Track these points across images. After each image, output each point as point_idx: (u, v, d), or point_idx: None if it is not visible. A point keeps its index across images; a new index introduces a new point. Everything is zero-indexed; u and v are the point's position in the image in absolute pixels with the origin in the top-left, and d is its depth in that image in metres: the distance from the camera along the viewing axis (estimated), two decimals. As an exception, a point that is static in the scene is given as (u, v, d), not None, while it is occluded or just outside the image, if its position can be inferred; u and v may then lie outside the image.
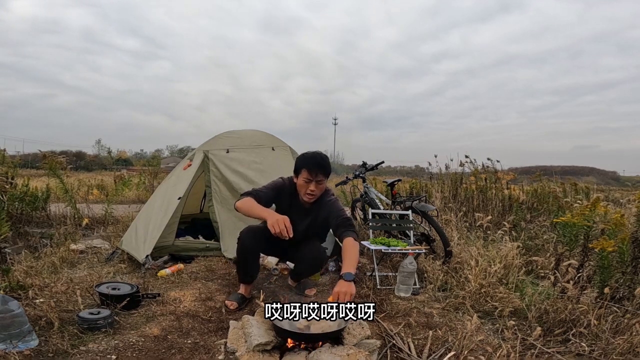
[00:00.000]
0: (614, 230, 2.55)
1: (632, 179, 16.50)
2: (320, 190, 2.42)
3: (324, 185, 2.45)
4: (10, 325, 1.78)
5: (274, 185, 2.52)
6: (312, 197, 2.42)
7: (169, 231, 3.36)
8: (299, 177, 2.43)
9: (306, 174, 2.37)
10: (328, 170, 2.40)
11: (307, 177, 2.37)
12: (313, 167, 2.35)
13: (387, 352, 1.90)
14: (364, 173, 4.36)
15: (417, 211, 3.57)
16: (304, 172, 2.37)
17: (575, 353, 1.92)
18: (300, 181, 2.41)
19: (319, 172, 2.36)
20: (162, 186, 4.05)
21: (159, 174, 8.85)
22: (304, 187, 2.41)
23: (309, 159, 2.38)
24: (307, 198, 2.43)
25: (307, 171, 2.36)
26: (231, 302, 2.44)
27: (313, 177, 2.36)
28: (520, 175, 7.26)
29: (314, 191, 2.39)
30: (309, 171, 2.36)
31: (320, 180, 2.38)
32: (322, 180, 2.39)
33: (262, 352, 1.79)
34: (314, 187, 2.38)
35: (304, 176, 2.38)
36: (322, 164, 2.37)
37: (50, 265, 3.04)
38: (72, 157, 26.30)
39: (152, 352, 1.85)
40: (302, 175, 2.39)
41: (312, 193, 2.40)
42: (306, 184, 2.39)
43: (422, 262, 3.20)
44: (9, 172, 4.51)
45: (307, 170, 2.36)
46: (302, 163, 2.39)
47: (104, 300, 2.25)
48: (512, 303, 2.46)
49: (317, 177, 2.36)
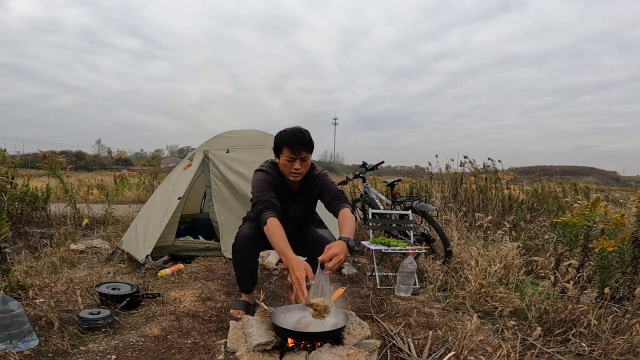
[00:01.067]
0: (614, 230, 2.55)
1: (632, 179, 16.50)
2: (305, 167, 2.26)
3: (309, 161, 2.28)
4: (10, 325, 1.78)
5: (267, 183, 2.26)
6: (297, 175, 2.25)
7: (169, 231, 3.36)
8: (280, 156, 2.24)
9: (288, 153, 2.18)
10: (311, 145, 2.23)
11: (290, 156, 2.19)
12: (295, 145, 2.17)
13: (387, 352, 1.90)
14: (364, 173, 4.36)
15: (417, 211, 3.57)
16: (286, 151, 2.19)
17: (575, 353, 1.92)
18: (282, 161, 2.23)
19: (302, 148, 2.18)
20: (162, 186, 4.05)
21: (159, 174, 8.86)
22: (287, 167, 2.23)
23: (289, 136, 2.19)
24: (292, 177, 2.27)
25: (289, 150, 2.18)
26: (237, 311, 2.31)
27: (296, 155, 2.18)
28: (520, 175, 7.26)
29: (298, 169, 2.22)
30: (291, 150, 2.18)
31: (304, 157, 2.21)
32: (306, 156, 2.22)
33: (262, 352, 1.79)
34: (298, 165, 2.20)
35: (286, 155, 2.19)
36: (304, 140, 2.18)
37: (50, 265, 3.04)
38: (72, 157, 26.29)
39: (152, 352, 1.85)
40: (283, 154, 2.21)
41: (298, 171, 2.23)
42: (290, 163, 2.21)
43: (422, 262, 3.20)
44: (9, 172, 4.52)
45: (289, 149, 2.18)
46: (283, 141, 2.20)
47: (104, 300, 2.25)
48: (512, 303, 2.46)
49: (300, 155, 2.19)
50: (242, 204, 3.55)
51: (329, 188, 2.32)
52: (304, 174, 2.30)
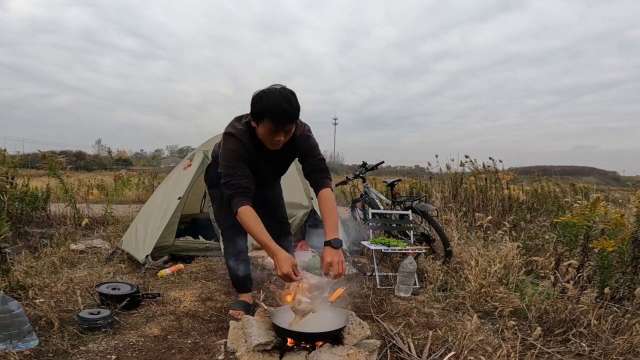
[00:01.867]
0: (614, 230, 2.55)
1: (632, 179, 16.49)
2: (288, 136, 1.97)
3: (293, 129, 1.98)
4: (10, 325, 1.78)
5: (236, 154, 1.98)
6: (278, 145, 1.98)
7: (168, 231, 3.36)
8: (259, 124, 1.91)
9: (270, 125, 1.87)
10: (297, 113, 1.91)
11: (272, 128, 1.87)
12: (279, 117, 1.85)
13: (387, 352, 1.90)
14: (364, 173, 4.36)
15: (417, 211, 3.57)
16: (267, 122, 1.86)
17: (575, 353, 1.92)
18: (262, 131, 1.92)
19: (287, 121, 1.87)
20: (162, 186, 4.05)
21: (159, 174, 8.86)
22: (267, 138, 1.94)
23: (273, 106, 1.83)
24: (271, 147, 2.00)
25: (271, 122, 1.86)
26: (237, 312, 2.25)
27: (280, 128, 1.88)
28: (520, 175, 7.26)
29: (281, 141, 1.95)
30: (274, 122, 1.85)
31: (289, 128, 1.93)
32: (291, 127, 1.94)
33: (262, 352, 1.79)
34: (281, 136, 1.92)
35: (267, 127, 1.88)
36: (289, 110, 1.85)
37: (50, 265, 3.04)
38: (72, 157, 26.28)
39: (152, 352, 1.85)
40: (264, 124, 1.89)
41: (279, 142, 1.96)
42: (271, 135, 1.91)
43: (422, 262, 3.20)
44: (9, 172, 4.51)
45: (272, 122, 1.85)
46: (265, 111, 1.85)
47: (104, 300, 2.25)
48: (512, 303, 2.46)
49: (284, 127, 1.89)
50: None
51: (311, 155, 2.09)
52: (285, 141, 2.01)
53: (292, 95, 1.90)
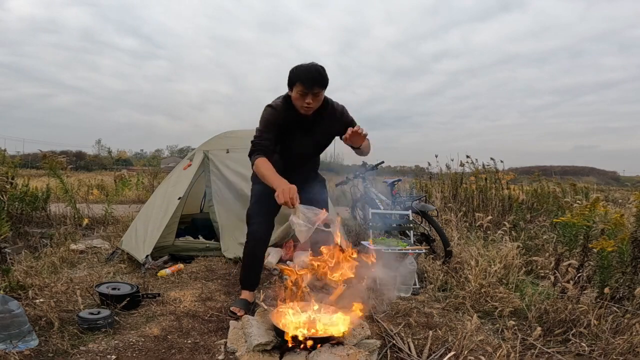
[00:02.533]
0: (614, 230, 2.55)
1: (632, 179, 16.49)
2: (317, 102, 2.27)
3: (322, 96, 2.29)
4: (10, 325, 1.78)
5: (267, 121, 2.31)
6: (309, 109, 2.27)
7: (168, 231, 3.36)
8: (293, 90, 2.25)
9: (301, 88, 2.20)
10: (325, 81, 2.23)
11: (302, 91, 2.20)
12: (308, 81, 2.19)
13: (387, 352, 1.91)
14: (364, 173, 4.36)
15: (417, 211, 3.57)
16: (299, 85, 2.20)
17: (575, 353, 1.92)
18: (295, 95, 2.25)
19: (315, 85, 2.20)
20: (162, 186, 4.05)
21: (159, 174, 8.86)
22: (299, 101, 2.24)
23: (303, 72, 2.21)
24: (303, 111, 2.28)
25: (302, 85, 2.19)
26: (238, 309, 2.33)
27: (309, 91, 2.20)
28: (520, 175, 7.26)
29: (310, 104, 2.24)
30: (304, 85, 2.19)
31: (317, 92, 2.22)
32: (319, 92, 2.23)
33: (262, 352, 1.79)
34: (310, 99, 2.22)
35: (299, 90, 2.21)
36: (318, 76, 2.20)
37: (50, 265, 3.04)
38: (72, 157, 26.25)
39: (152, 352, 1.85)
40: (296, 88, 2.22)
41: (309, 106, 2.25)
42: (302, 98, 2.22)
43: (422, 262, 3.20)
44: (9, 172, 4.51)
45: (302, 84, 2.19)
46: (297, 76, 2.22)
47: (104, 300, 2.25)
48: (512, 303, 2.46)
49: (313, 90, 2.20)
50: (242, 204, 3.55)
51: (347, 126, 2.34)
52: (315, 108, 2.30)
53: (321, 67, 2.25)
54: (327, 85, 2.27)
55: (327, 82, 2.25)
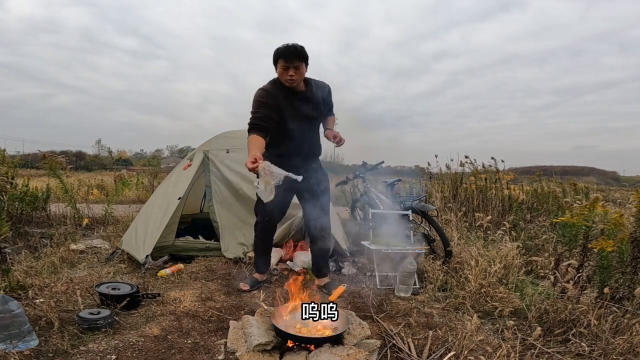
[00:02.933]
0: (614, 230, 2.55)
1: (632, 179, 16.49)
2: (299, 74, 2.52)
3: (303, 70, 2.54)
4: (10, 325, 1.78)
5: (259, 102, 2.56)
6: (292, 81, 2.52)
7: (168, 231, 3.36)
8: (277, 67, 2.54)
9: (282, 62, 2.48)
10: (302, 54, 2.50)
11: (284, 65, 2.48)
12: (287, 55, 2.46)
13: (387, 352, 1.91)
14: (364, 173, 4.36)
15: (417, 211, 3.57)
16: (280, 61, 2.49)
17: (575, 353, 1.92)
18: (279, 70, 2.53)
19: (294, 58, 2.46)
20: (162, 186, 4.05)
21: (159, 174, 8.86)
22: (283, 75, 2.51)
23: (282, 49, 2.48)
24: (288, 84, 2.53)
25: (282, 60, 2.47)
26: (244, 284, 2.73)
27: (289, 64, 2.46)
28: (520, 175, 7.25)
29: (293, 76, 2.49)
30: (284, 59, 2.47)
31: (297, 65, 2.48)
32: (299, 65, 2.49)
33: (262, 352, 1.79)
34: (292, 72, 2.48)
35: (281, 65, 2.49)
36: (295, 50, 2.47)
37: (50, 265, 3.04)
38: (72, 157, 26.26)
39: (152, 352, 1.85)
40: (279, 65, 2.51)
41: (292, 78, 2.50)
42: (284, 71, 2.50)
43: (422, 262, 3.20)
44: (9, 172, 4.51)
45: (283, 59, 2.47)
46: (277, 54, 2.50)
47: (104, 300, 2.25)
48: (512, 303, 2.46)
49: (293, 63, 2.46)
50: (242, 204, 3.55)
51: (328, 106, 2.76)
52: (299, 81, 2.56)
53: (299, 44, 2.51)
54: (307, 59, 2.53)
55: (306, 56, 2.52)
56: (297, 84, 2.55)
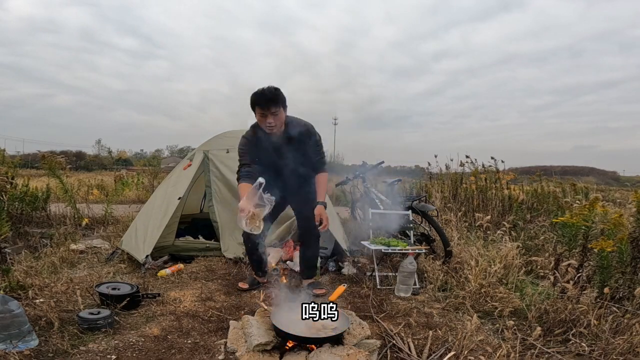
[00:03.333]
0: (614, 231, 2.55)
1: (632, 179, 16.48)
2: (279, 120, 2.50)
3: (281, 115, 2.51)
4: (10, 325, 1.78)
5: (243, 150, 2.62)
6: (272, 127, 2.50)
7: (168, 231, 3.36)
8: (255, 114, 2.53)
9: (259, 110, 2.47)
10: (278, 100, 2.46)
11: (261, 113, 2.46)
12: (262, 103, 2.44)
13: (387, 352, 1.91)
14: (364, 173, 4.36)
15: (417, 211, 3.57)
16: (257, 109, 2.48)
17: (575, 353, 1.92)
18: (257, 117, 2.52)
19: (270, 104, 2.44)
20: (162, 186, 4.05)
21: (159, 174, 8.87)
22: (262, 122, 2.50)
23: (257, 96, 2.46)
24: (268, 130, 2.52)
25: (259, 107, 2.46)
26: (243, 283, 2.75)
27: (266, 111, 2.44)
28: (520, 175, 7.24)
29: (272, 122, 2.48)
30: (260, 107, 2.45)
31: (274, 111, 2.45)
32: (276, 110, 2.46)
33: (262, 352, 1.79)
34: (271, 119, 2.47)
35: (259, 112, 2.48)
36: (270, 97, 2.44)
37: (50, 265, 3.04)
38: (72, 157, 26.25)
39: (152, 352, 1.85)
40: (256, 112, 2.50)
41: (271, 124, 2.48)
42: (263, 118, 2.48)
43: (422, 262, 3.20)
44: (9, 172, 4.51)
45: (259, 107, 2.46)
46: (253, 101, 2.49)
47: (104, 300, 2.25)
48: (512, 303, 2.46)
49: (270, 110, 2.44)
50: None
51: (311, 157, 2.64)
52: (280, 126, 2.54)
53: (274, 87, 2.47)
54: (283, 102, 2.50)
55: (282, 100, 2.49)
56: (277, 130, 2.54)
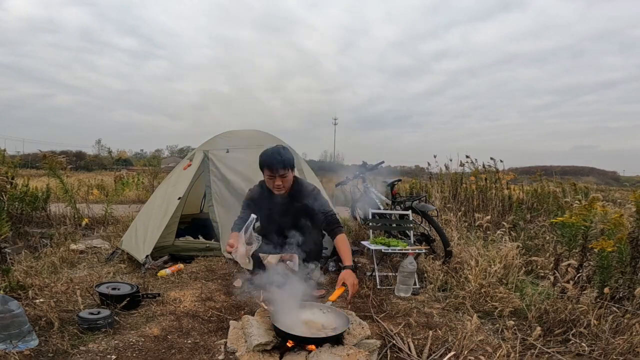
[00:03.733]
0: (614, 231, 2.55)
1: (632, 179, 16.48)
2: (287, 182, 2.56)
3: (289, 176, 2.57)
4: (10, 325, 1.78)
5: (245, 204, 2.70)
6: (280, 189, 2.57)
7: (168, 231, 3.36)
8: (264, 174, 2.58)
9: (268, 172, 2.52)
10: (287, 162, 2.52)
11: (270, 174, 2.52)
12: (271, 165, 2.50)
13: (387, 352, 1.91)
14: (364, 173, 4.36)
15: (417, 211, 3.57)
16: (266, 170, 2.53)
17: (575, 353, 1.92)
18: (266, 178, 2.58)
19: (278, 167, 2.49)
20: (162, 186, 4.05)
21: (159, 174, 8.87)
22: (270, 183, 2.57)
23: (266, 158, 2.53)
24: (276, 191, 2.59)
25: (268, 169, 2.51)
26: (237, 280, 2.76)
27: (275, 173, 2.50)
28: (520, 175, 7.24)
29: (279, 185, 2.54)
30: (269, 169, 2.50)
31: (283, 174, 2.51)
32: (285, 173, 2.52)
33: (262, 352, 1.79)
34: (279, 181, 2.53)
35: (267, 174, 2.54)
36: (280, 159, 2.49)
37: (50, 265, 3.04)
38: (72, 157, 26.22)
39: (152, 352, 1.85)
40: (265, 173, 2.56)
41: (279, 187, 2.55)
42: (271, 180, 2.54)
43: (422, 262, 3.20)
44: (9, 172, 4.51)
45: (268, 168, 2.51)
46: (262, 162, 2.54)
47: (104, 300, 2.25)
48: (512, 303, 2.46)
49: (278, 172, 2.50)
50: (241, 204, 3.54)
51: (324, 210, 2.62)
52: (287, 188, 2.61)
53: (282, 148, 2.56)
54: (292, 165, 2.57)
55: (291, 162, 2.55)
56: (285, 191, 2.60)
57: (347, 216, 5.12)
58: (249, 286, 2.71)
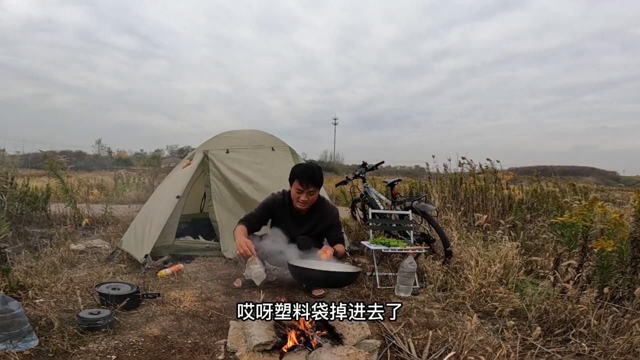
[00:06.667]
0: (614, 231, 2.55)
1: (632, 179, 16.51)
2: (312, 199, 2.60)
3: (316, 195, 2.61)
4: (10, 325, 1.78)
5: (264, 204, 2.72)
6: (304, 205, 2.61)
7: (168, 231, 3.36)
8: (292, 186, 2.61)
9: (298, 185, 2.54)
10: (319, 182, 2.56)
11: (299, 188, 2.54)
12: (304, 179, 2.52)
13: (387, 352, 1.91)
14: (364, 173, 4.36)
15: (417, 211, 3.57)
16: (296, 182, 2.55)
17: (575, 353, 1.92)
18: (293, 190, 2.60)
19: (310, 183, 2.53)
20: (162, 186, 4.05)
21: (159, 174, 8.86)
22: (296, 196, 2.59)
23: (301, 171, 2.56)
24: (299, 206, 2.62)
25: (298, 182, 2.53)
26: (237, 280, 2.76)
27: (304, 189, 2.53)
28: (520, 175, 7.24)
29: (305, 201, 2.58)
30: (300, 182, 2.53)
31: (312, 191, 2.55)
32: (313, 190, 2.55)
33: (262, 352, 1.79)
34: (305, 197, 2.56)
35: (296, 186, 2.55)
36: (313, 176, 2.52)
37: (50, 265, 3.04)
38: (72, 157, 26.19)
39: (152, 352, 1.85)
40: (294, 185, 2.57)
41: (304, 202, 2.58)
42: (298, 194, 2.57)
43: (422, 262, 3.20)
44: (9, 172, 4.51)
45: (299, 182, 2.53)
46: (295, 174, 2.56)
47: (104, 300, 2.25)
48: (512, 303, 2.46)
49: (308, 189, 2.54)
50: (241, 204, 3.55)
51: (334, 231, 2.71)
52: (310, 204, 2.65)
53: (317, 168, 2.62)
54: (321, 184, 2.62)
55: (321, 182, 2.59)
56: (307, 208, 2.65)
57: (347, 216, 5.12)
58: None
